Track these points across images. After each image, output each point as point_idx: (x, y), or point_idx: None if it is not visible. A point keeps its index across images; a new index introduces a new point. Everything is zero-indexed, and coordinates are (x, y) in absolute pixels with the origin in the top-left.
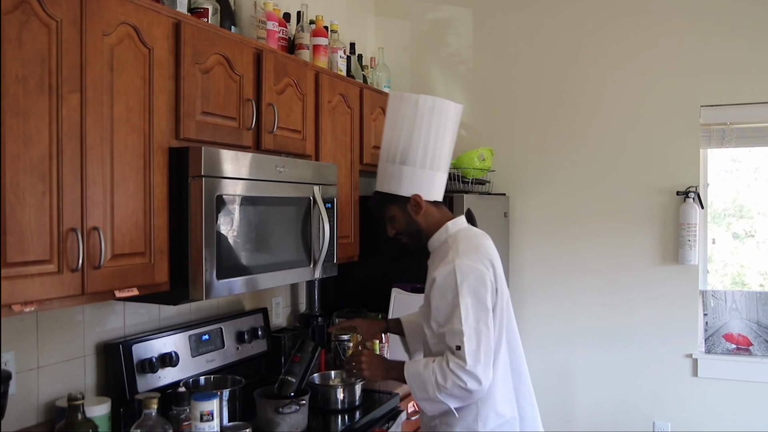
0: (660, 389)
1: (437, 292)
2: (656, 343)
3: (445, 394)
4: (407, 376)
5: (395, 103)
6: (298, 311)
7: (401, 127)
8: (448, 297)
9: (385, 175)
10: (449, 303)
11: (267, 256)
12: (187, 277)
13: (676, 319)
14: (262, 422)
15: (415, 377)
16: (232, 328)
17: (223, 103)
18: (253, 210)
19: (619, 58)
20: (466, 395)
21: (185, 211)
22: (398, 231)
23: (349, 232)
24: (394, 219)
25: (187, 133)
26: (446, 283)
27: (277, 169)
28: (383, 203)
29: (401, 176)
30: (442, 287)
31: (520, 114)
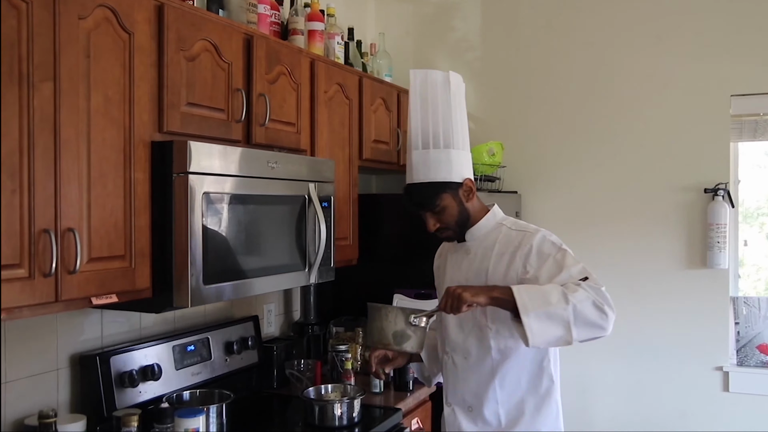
0: (687, 405)
1: (535, 258)
2: (683, 355)
3: (572, 307)
4: (516, 290)
5: (421, 82)
6: (291, 319)
7: (436, 108)
8: (552, 252)
9: (428, 163)
10: (554, 258)
11: (258, 259)
12: (171, 283)
13: (705, 328)
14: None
15: (530, 290)
16: (219, 337)
17: (210, 93)
18: (242, 209)
19: (641, 44)
20: (598, 317)
21: (169, 211)
22: (446, 222)
23: (347, 234)
24: (445, 209)
25: (171, 126)
26: (542, 246)
27: (269, 165)
28: (436, 194)
29: (450, 161)
30: (539, 251)
31: (533, 105)
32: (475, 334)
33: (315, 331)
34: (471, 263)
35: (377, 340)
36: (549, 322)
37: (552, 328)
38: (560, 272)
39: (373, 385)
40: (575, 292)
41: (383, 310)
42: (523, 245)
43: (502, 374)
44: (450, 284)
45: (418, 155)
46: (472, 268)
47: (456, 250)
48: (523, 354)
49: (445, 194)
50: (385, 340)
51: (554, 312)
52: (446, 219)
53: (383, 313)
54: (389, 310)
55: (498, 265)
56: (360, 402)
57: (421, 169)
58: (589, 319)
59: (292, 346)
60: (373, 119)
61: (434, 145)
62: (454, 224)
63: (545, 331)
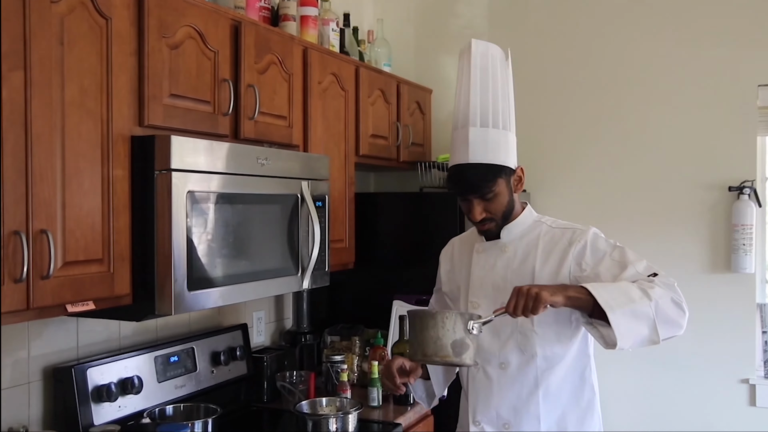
0: (710, 421)
1: (591, 255)
2: (705, 366)
3: (654, 303)
4: (592, 288)
5: (482, 55)
6: (283, 328)
7: (496, 85)
8: (607, 249)
9: (487, 143)
10: (610, 256)
11: (247, 263)
12: (153, 289)
13: (729, 337)
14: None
15: (606, 287)
16: (205, 347)
17: (194, 83)
18: (230, 209)
19: (661, 31)
20: (678, 314)
21: (150, 211)
22: (493, 211)
23: (343, 236)
24: (496, 197)
25: (153, 120)
26: (597, 243)
27: (259, 162)
28: (494, 177)
29: (507, 144)
30: (594, 247)
31: (544, 98)
32: (515, 341)
33: (308, 341)
34: (509, 262)
35: (432, 353)
36: (635, 321)
37: (639, 327)
38: (624, 270)
39: (370, 398)
40: (651, 288)
41: (439, 317)
42: (575, 242)
43: (546, 385)
44: (481, 285)
45: (476, 133)
46: (511, 267)
47: (485, 249)
48: (568, 362)
49: (500, 179)
50: (443, 352)
51: (639, 309)
52: (495, 208)
53: (439, 320)
54: (447, 317)
55: (546, 265)
56: (357, 416)
57: (479, 149)
58: (670, 317)
59: (284, 357)
60: (371, 112)
61: (494, 124)
62: (501, 215)
63: (633, 331)
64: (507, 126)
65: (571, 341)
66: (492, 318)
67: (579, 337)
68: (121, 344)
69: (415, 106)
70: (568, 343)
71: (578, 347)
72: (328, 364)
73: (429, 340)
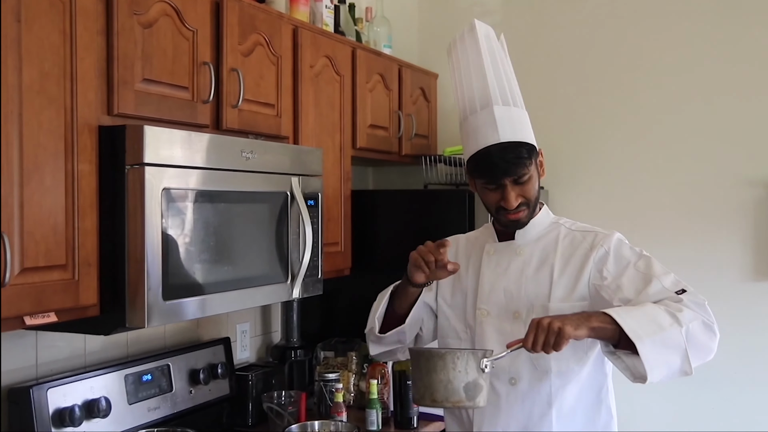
0: None
1: (613, 263)
2: (749, 385)
3: (686, 330)
4: (616, 315)
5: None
6: (270, 342)
7: (505, 67)
8: (631, 258)
9: (513, 121)
10: (635, 266)
11: (230, 269)
12: (123, 298)
13: None
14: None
15: (632, 313)
16: (183, 364)
17: (170, 67)
18: (211, 209)
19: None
20: (710, 339)
21: (121, 211)
22: (528, 197)
23: (338, 238)
24: (530, 180)
25: (123, 107)
26: (621, 249)
27: (243, 155)
28: (529, 156)
29: (528, 123)
30: (618, 255)
31: (560, 82)
32: (528, 354)
33: (299, 357)
34: (524, 267)
35: (443, 398)
36: (665, 351)
37: (670, 357)
38: (649, 283)
39: (369, 421)
40: (681, 311)
41: (449, 358)
42: (597, 247)
43: (560, 404)
44: (491, 291)
45: (501, 111)
46: (526, 273)
47: (497, 250)
48: (584, 380)
49: (533, 161)
50: (455, 397)
51: (669, 337)
52: (529, 191)
53: (450, 362)
54: (458, 356)
55: (565, 271)
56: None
57: (507, 127)
58: (702, 342)
59: (271, 375)
60: (370, 100)
61: (514, 102)
62: (534, 201)
63: (663, 362)
64: (523, 106)
65: (587, 356)
66: (506, 354)
67: (595, 352)
68: (86, 361)
69: (418, 93)
70: (584, 358)
71: (594, 363)
72: (321, 383)
73: (438, 383)
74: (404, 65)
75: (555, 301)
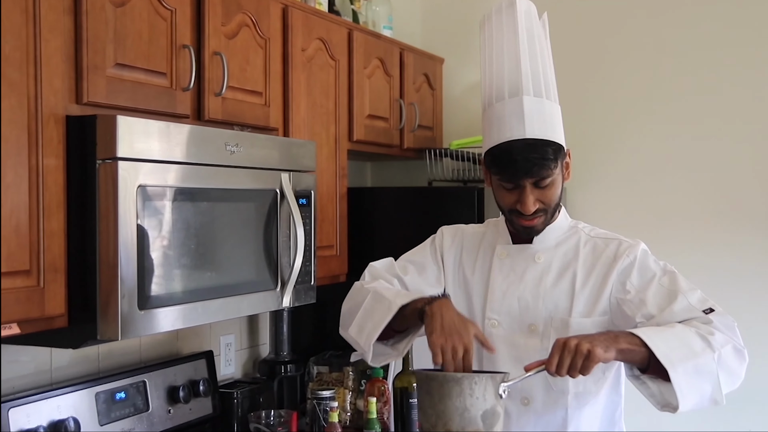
0: None
1: (638, 276)
2: None
3: (718, 355)
4: (646, 336)
5: (526, 14)
6: (258, 356)
7: (543, 52)
8: (656, 271)
9: (544, 115)
10: (659, 281)
11: (213, 275)
12: (95, 307)
13: None
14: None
15: (663, 335)
16: (160, 381)
17: (146, 50)
18: (192, 208)
19: None
20: (740, 364)
21: (91, 210)
22: (547, 203)
23: (332, 241)
24: (552, 185)
25: (94, 95)
26: (647, 262)
27: (228, 149)
28: (555, 158)
29: (559, 118)
30: (643, 267)
31: (582, 66)
32: (543, 372)
33: (290, 372)
34: (543, 275)
35: (459, 428)
36: (698, 378)
37: (702, 385)
38: (674, 300)
39: None
40: (712, 334)
41: (466, 383)
42: (621, 257)
43: (576, 427)
44: (503, 300)
45: (531, 103)
46: (545, 282)
47: (511, 254)
48: (601, 401)
49: (558, 163)
50: (472, 427)
51: (702, 364)
52: (549, 197)
53: (466, 387)
54: (476, 381)
55: (587, 282)
56: None
57: (536, 121)
58: (733, 369)
59: (259, 392)
60: (368, 87)
61: (548, 95)
62: (552, 208)
63: (695, 390)
64: (555, 98)
65: (605, 377)
66: (526, 377)
67: (613, 372)
68: (53, 378)
69: (422, 80)
70: (602, 379)
71: (611, 384)
72: (315, 402)
73: (453, 411)
74: (406, 49)
75: (576, 316)
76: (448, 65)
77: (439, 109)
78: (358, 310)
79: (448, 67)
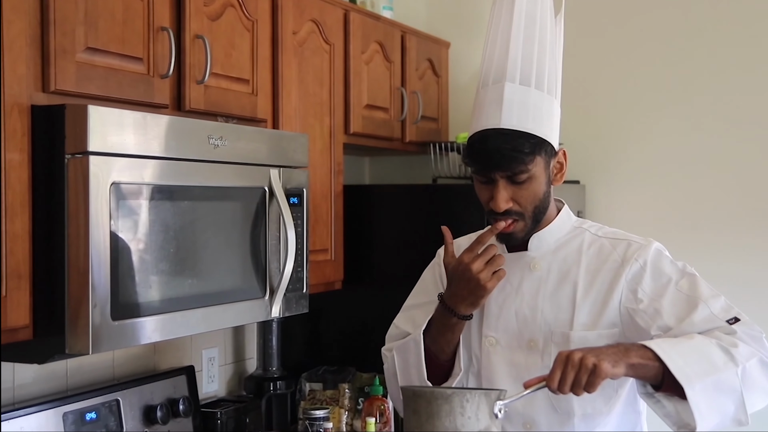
0: None
1: (651, 281)
2: None
3: (742, 370)
4: (659, 349)
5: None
6: (244, 371)
7: (544, 39)
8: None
9: (527, 105)
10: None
11: (194, 282)
12: (63, 318)
13: None
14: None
15: (678, 348)
16: (136, 399)
17: (120, 33)
18: (171, 208)
19: None
20: (766, 378)
21: (59, 211)
22: (524, 203)
23: (327, 244)
24: (531, 181)
25: (62, 83)
26: (661, 264)
27: (211, 142)
28: (532, 151)
29: (552, 115)
30: (657, 271)
31: (602, 52)
32: (547, 393)
33: (279, 389)
34: (540, 285)
35: None
36: (719, 396)
37: (723, 404)
38: (694, 309)
39: None
40: (736, 346)
41: (457, 400)
42: (630, 260)
43: None
44: (500, 315)
45: (513, 91)
46: (543, 292)
47: (506, 264)
48: (613, 423)
49: (539, 158)
50: None
51: (723, 380)
52: (526, 197)
53: (457, 405)
54: (467, 399)
55: (591, 290)
56: None
57: (515, 111)
58: (760, 385)
59: (245, 412)
60: (366, 74)
61: (537, 84)
62: (531, 211)
63: (716, 410)
64: (553, 92)
65: (618, 395)
66: (524, 395)
67: (626, 389)
68: (15, 396)
69: (426, 66)
70: (614, 398)
71: (625, 403)
72: (307, 422)
73: None
74: (408, 32)
75: (578, 329)
76: (455, 50)
77: (444, 99)
78: (397, 375)
79: (454, 52)
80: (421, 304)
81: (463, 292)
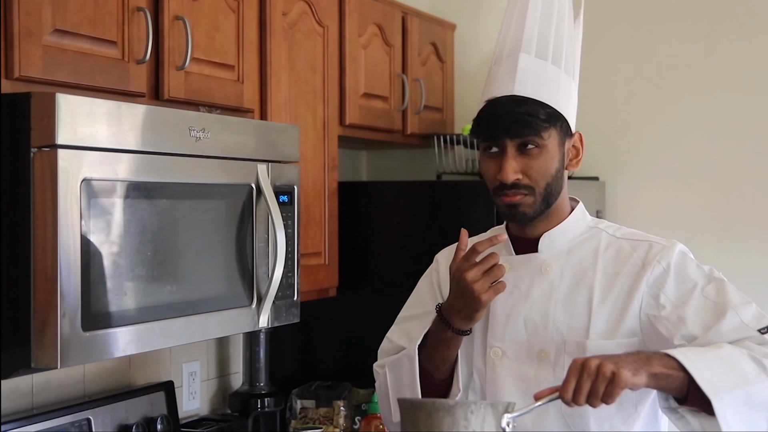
0: None
1: (675, 286)
2: None
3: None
4: (685, 359)
5: None
6: (229, 387)
7: (562, 19)
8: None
9: (543, 76)
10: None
11: (173, 289)
12: (29, 329)
13: None
14: None
15: (705, 358)
16: (109, 419)
17: (92, 14)
18: (148, 207)
19: None
20: None
21: (24, 210)
22: (534, 176)
23: (320, 246)
24: (544, 154)
25: (27, 69)
26: (685, 268)
27: (193, 135)
28: (547, 120)
29: (569, 93)
30: (681, 275)
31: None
32: (559, 410)
33: (267, 407)
34: (552, 290)
35: None
36: (750, 411)
37: (756, 420)
38: (722, 317)
39: None
40: None
41: (459, 412)
42: (651, 263)
43: None
44: (507, 323)
45: (528, 62)
46: (555, 298)
47: (514, 266)
48: None
49: (554, 130)
50: None
51: (756, 393)
52: (537, 170)
53: (460, 417)
54: (472, 411)
55: (608, 295)
56: None
57: (529, 80)
58: None
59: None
60: (363, 59)
61: (554, 60)
62: (543, 188)
63: (745, 425)
64: (570, 72)
65: (637, 411)
66: (535, 407)
67: (647, 405)
68: None
69: (429, 50)
70: (633, 415)
71: (645, 420)
72: None
73: None
74: (410, 12)
75: (595, 338)
76: (461, 33)
77: (449, 87)
78: (388, 394)
79: (460, 35)
80: (416, 316)
81: (458, 303)
